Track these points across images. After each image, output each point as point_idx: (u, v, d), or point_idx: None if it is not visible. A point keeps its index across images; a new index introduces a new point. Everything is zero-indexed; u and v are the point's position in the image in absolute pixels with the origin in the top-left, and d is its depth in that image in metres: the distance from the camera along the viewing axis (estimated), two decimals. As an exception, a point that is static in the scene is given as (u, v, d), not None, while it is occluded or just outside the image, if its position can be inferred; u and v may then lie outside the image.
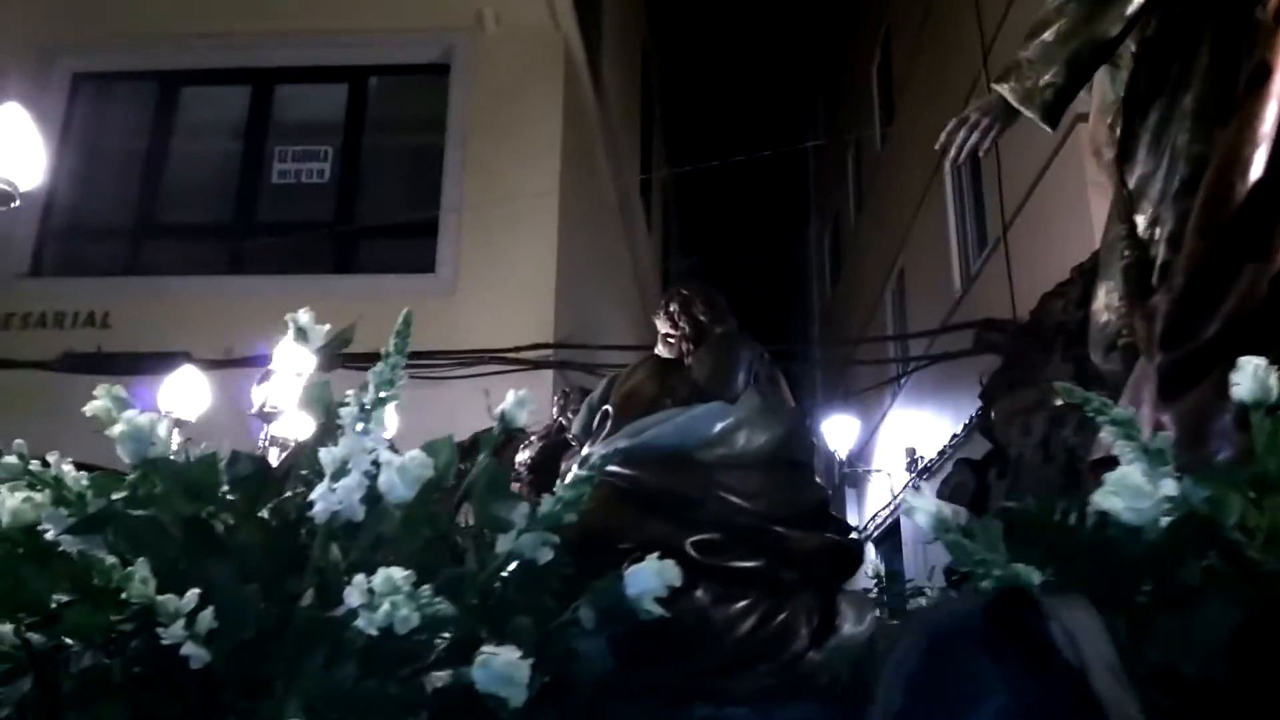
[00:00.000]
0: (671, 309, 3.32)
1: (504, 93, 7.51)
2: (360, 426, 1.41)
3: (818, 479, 3.36)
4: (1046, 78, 1.97)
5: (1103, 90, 2.95)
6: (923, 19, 10.54)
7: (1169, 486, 1.30)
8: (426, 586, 1.26)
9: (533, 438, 4.41)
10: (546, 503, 1.52)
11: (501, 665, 1.24)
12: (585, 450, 3.12)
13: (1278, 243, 1.78)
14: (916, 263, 10.79)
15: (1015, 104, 2.02)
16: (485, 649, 1.27)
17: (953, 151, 2.13)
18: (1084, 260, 2.73)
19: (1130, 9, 1.94)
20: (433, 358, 6.83)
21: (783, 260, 20.17)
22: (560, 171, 7.38)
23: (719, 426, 2.86)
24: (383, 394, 1.47)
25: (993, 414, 5.71)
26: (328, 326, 1.80)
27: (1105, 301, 2.09)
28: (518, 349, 6.99)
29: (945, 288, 9.32)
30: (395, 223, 7.51)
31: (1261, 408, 1.37)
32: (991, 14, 7.95)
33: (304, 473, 1.54)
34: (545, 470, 4.12)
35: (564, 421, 4.39)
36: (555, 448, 4.30)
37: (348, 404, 1.47)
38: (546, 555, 1.46)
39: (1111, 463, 1.56)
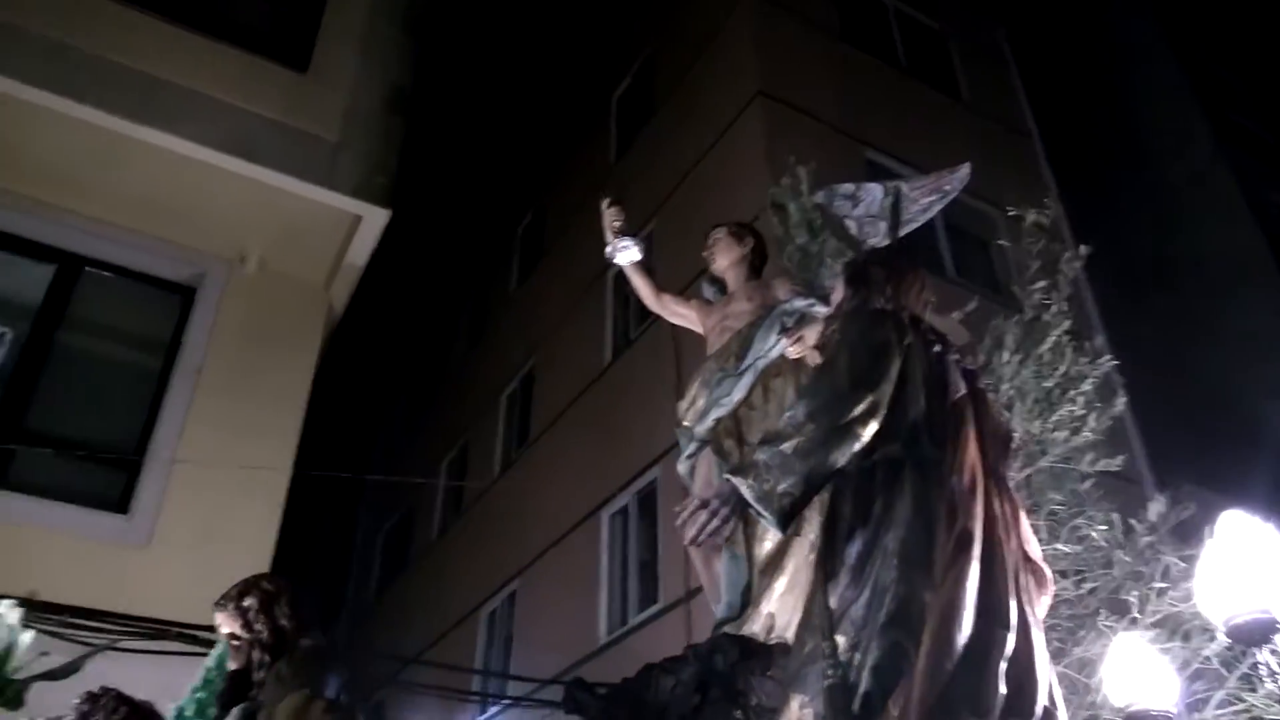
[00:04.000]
0: (246, 604, 2.83)
1: (253, 337, 6.95)
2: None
3: None
4: (784, 486, 2.14)
5: (705, 478, 3.60)
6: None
7: None
8: None
9: None
10: None
11: None
12: None
13: (994, 702, 1.97)
14: (542, 595, 11.00)
15: (752, 501, 2.16)
16: None
17: (693, 532, 2.24)
18: (699, 642, 3.00)
19: (856, 447, 2.20)
20: (100, 618, 5.71)
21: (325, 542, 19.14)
22: (297, 447, 6.83)
23: None
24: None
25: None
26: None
27: (798, 715, 2.11)
28: (211, 628, 6.01)
29: (584, 633, 9.62)
30: (85, 439, 6.31)
31: None
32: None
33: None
34: None
35: None
36: None
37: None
38: None
39: None
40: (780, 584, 3.18)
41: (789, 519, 2.18)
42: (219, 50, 6.59)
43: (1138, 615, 4.86)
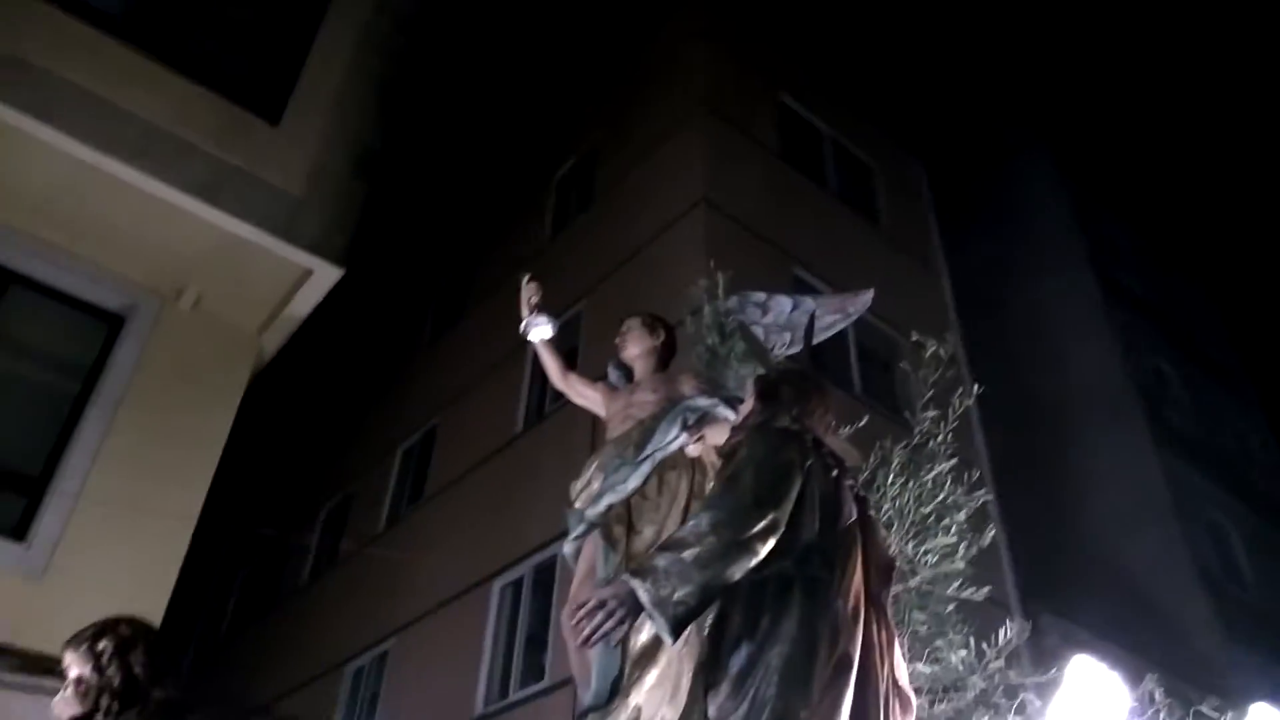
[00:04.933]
0: (101, 647, 2.65)
1: (178, 375, 6.85)
2: None
3: None
4: (680, 594, 2.16)
5: (590, 562, 3.70)
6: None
7: None
8: None
9: None
10: None
11: None
12: None
13: None
14: (418, 658, 10.86)
15: (648, 606, 2.16)
16: None
17: (587, 632, 2.19)
18: None
19: (753, 562, 2.26)
20: (-11, 651, 5.52)
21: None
22: (205, 498, 6.72)
23: None
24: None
25: None
26: None
27: None
28: (97, 670, 5.84)
29: (460, 703, 9.56)
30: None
31: None
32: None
33: None
34: None
35: None
36: None
37: None
38: None
39: None
40: (651, 677, 3.26)
41: (682, 627, 2.18)
42: (196, 92, 6.60)
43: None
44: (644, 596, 2.16)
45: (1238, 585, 14.24)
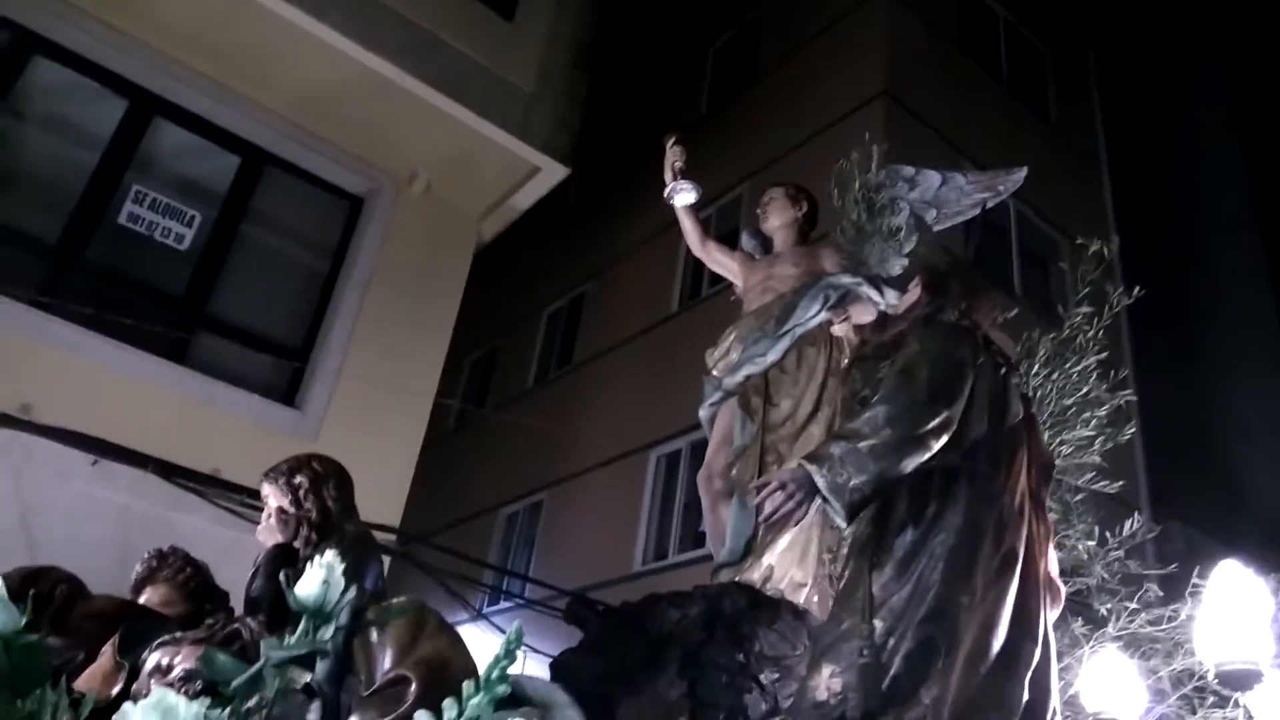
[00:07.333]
0: (297, 481, 2.84)
1: (414, 258, 7.35)
2: None
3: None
4: (856, 482, 2.26)
5: (725, 428, 3.76)
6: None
7: None
8: None
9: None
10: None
11: None
12: None
13: (1018, 706, 2.23)
14: (574, 512, 11.60)
15: (824, 491, 2.27)
16: None
17: (769, 509, 2.33)
18: (709, 585, 3.24)
19: (924, 457, 2.33)
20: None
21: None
22: (440, 379, 7.31)
23: None
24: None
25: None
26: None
27: (828, 684, 2.24)
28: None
29: (619, 558, 10.32)
30: (261, 330, 6.75)
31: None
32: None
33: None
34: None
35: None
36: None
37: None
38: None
39: None
40: (784, 541, 3.35)
41: (857, 512, 2.30)
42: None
43: (1108, 628, 5.17)
44: (820, 482, 2.27)
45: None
